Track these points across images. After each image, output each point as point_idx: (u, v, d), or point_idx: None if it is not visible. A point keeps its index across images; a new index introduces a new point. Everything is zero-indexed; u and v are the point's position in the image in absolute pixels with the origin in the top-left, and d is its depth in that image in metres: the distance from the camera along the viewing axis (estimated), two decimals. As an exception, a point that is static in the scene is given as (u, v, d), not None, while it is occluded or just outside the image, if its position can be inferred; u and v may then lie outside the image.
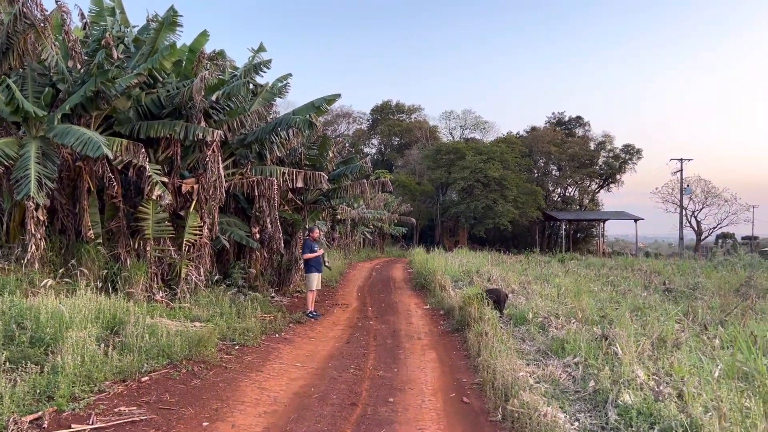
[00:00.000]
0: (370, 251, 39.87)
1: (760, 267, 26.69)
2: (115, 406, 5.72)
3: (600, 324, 9.98)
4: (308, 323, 11.47)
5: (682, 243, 53.10)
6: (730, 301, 14.38)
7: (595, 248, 57.46)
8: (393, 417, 6.08)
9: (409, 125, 70.28)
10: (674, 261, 34.15)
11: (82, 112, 10.44)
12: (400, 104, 75.60)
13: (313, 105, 12.93)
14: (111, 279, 10.20)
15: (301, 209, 16.05)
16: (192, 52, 12.19)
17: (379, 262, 31.90)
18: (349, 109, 74.22)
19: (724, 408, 4.74)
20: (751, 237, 67.29)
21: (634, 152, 60.67)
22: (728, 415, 4.65)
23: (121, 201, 10.90)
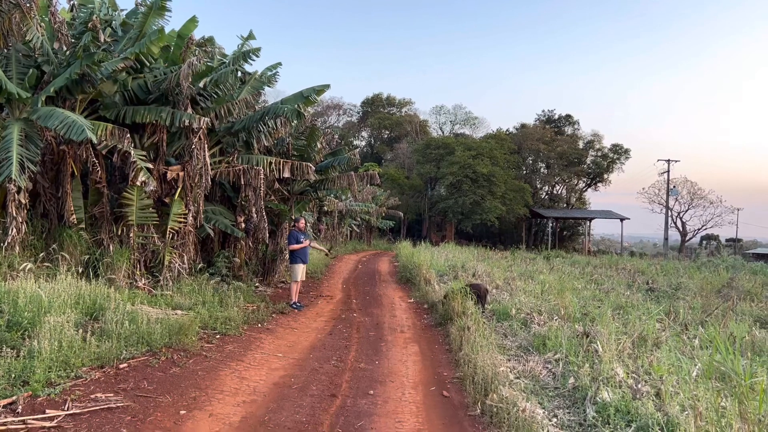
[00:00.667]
0: (357, 244, 39.82)
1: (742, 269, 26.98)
2: (91, 392, 5.66)
3: (582, 321, 10.04)
4: (291, 314, 11.43)
5: (666, 243, 53.56)
6: (711, 302, 14.52)
7: (581, 246, 57.83)
8: (372, 409, 6.08)
9: (399, 119, 70.16)
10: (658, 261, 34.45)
11: (67, 95, 10.30)
12: (391, 97, 75.49)
13: (302, 95, 12.84)
14: (93, 265, 10.10)
15: (287, 200, 15.97)
16: (180, 37, 12.05)
17: (365, 255, 31.87)
18: (340, 100, 74.13)
19: (701, 407, 4.77)
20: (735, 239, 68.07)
21: (622, 152, 61.07)
22: (704, 414, 4.68)
23: (105, 186, 10.77)
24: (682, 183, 58.64)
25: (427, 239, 46.80)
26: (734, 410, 4.50)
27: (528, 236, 58.08)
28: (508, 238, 56.87)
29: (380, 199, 43.67)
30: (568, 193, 65.29)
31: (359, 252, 34.79)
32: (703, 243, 67.08)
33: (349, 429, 5.44)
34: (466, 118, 71.73)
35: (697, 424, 4.50)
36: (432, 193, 55.19)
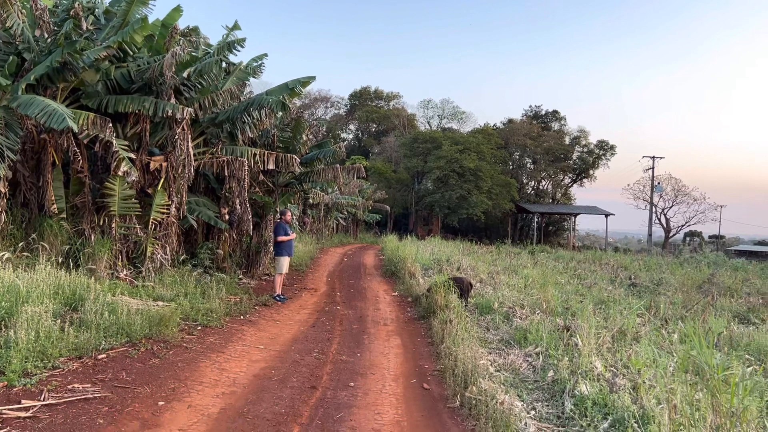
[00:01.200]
0: (343, 237, 39.77)
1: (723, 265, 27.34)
2: (68, 382, 5.62)
3: (563, 316, 10.12)
4: (275, 306, 11.40)
5: (650, 239, 54.06)
6: (692, 298, 14.71)
7: (565, 242, 58.20)
8: (352, 401, 6.09)
9: (386, 112, 70.08)
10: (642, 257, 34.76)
11: (48, 83, 10.16)
12: (379, 91, 75.36)
13: (287, 86, 12.76)
14: (73, 255, 10.01)
15: (272, 192, 15.90)
16: (164, 27, 11.92)
17: (351, 248, 31.84)
18: (327, 93, 73.94)
19: (676, 400, 4.83)
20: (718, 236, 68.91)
21: (608, 148, 61.46)
22: (679, 407, 4.73)
23: (87, 176, 10.66)
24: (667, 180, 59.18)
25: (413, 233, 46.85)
26: (708, 403, 4.56)
27: (513, 231, 58.36)
28: (494, 232, 57.11)
29: (367, 193, 43.66)
30: (554, 188, 65.63)
31: (345, 245, 34.76)
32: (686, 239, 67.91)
33: (328, 421, 5.45)
34: (454, 112, 71.84)
35: (672, 417, 4.56)
36: (419, 187, 55.23)
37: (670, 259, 33.78)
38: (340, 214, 38.44)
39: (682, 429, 4.32)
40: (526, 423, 5.24)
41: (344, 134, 72.31)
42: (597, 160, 61.67)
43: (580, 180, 64.06)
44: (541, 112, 67.47)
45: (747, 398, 4.32)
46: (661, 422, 4.62)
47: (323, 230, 33.43)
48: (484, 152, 51.53)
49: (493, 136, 57.06)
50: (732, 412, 4.18)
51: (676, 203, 59.61)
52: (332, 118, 72.27)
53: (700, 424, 4.38)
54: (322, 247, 28.30)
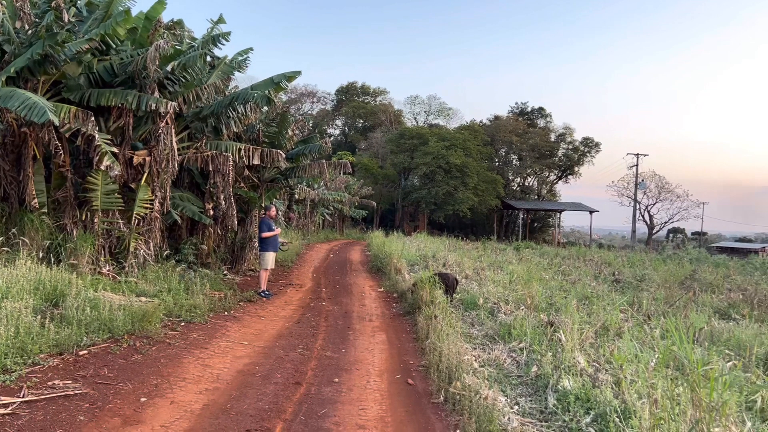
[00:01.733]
0: (329, 233, 39.70)
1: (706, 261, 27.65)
2: (49, 379, 5.55)
3: (547, 311, 10.17)
4: (259, 302, 11.36)
5: (634, 236, 54.55)
6: (674, 294, 14.86)
7: (551, 238, 58.56)
8: (336, 397, 6.08)
9: (373, 108, 69.95)
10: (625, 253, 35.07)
11: (29, 75, 10.01)
12: (366, 86, 75.22)
13: (273, 81, 12.67)
14: (55, 250, 9.88)
15: (257, 187, 15.82)
16: (148, 19, 11.78)
17: (337, 244, 31.80)
18: (314, 88, 73.71)
19: (657, 395, 4.87)
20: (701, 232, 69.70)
21: (593, 145, 61.82)
22: (660, 401, 4.77)
23: (69, 170, 10.53)
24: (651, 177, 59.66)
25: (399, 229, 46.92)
26: (687, 397, 4.60)
27: (499, 227, 58.58)
28: (480, 228, 57.29)
29: (353, 188, 43.60)
30: (540, 185, 65.96)
31: (331, 241, 34.70)
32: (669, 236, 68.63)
33: (312, 416, 5.44)
34: (441, 108, 71.89)
35: (652, 411, 4.60)
36: (405, 183, 55.23)
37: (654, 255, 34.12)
38: (326, 209, 38.36)
39: (662, 423, 4.36)
40: (510, 418, 5.26)
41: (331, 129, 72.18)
42: (582, 157, 62.02)
43: (565, 177, 64.42)
44: (527, 109, 67.73)
45: (726, 392, 4.37)
46: (642, 416, 4.66)
47: (309, 226, 33.35)
48: (470, 148, 51.64)
49: (479, 133, 57.21)
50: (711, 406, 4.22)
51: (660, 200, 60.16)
52: (319, 114, 72.06)
53: (680, 418, 4.42)
54: (308, 243, 28.23)
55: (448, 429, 5.36)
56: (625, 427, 4.68)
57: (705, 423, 4.18)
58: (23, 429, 4.50)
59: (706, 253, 35.63)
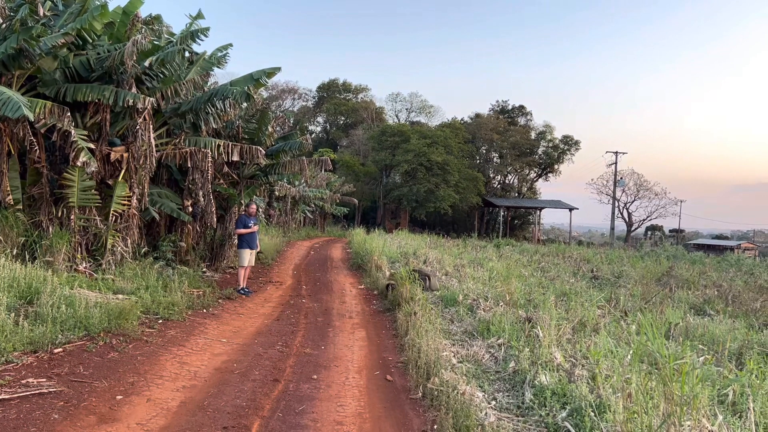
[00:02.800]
0: (311, 230, 39.59)
1: (682, 258, 28.08)
2: (23, 377, 5.48)
3: (525, 307, 10.26)
4: (238, 299, 11.30)
5: (613, 233, 55.13)
6: (651, 290, 15.05)
7: (531, 235, 58.99)
8: (315, 393, 6.08)
9: (355, 105, 69.85)
10: (604, 250, 35.44)
11: (3, 70, 9.84)
12: (347, 83, 75.06)
13: (252, 77, 12.60)
14: (30, 247, 9.74)
15: (237, 184, 15.73)
16: (126, 14, 11.64)
17: (318, 242, 31.72)
18: (295, 85, 73.36)
19: (630, 389, 4.94)
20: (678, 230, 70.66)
21: (573, 143, 62.39)
22: (633, 396, 4.84)
23: (44, 166, 10.38)
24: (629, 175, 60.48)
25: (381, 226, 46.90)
26: (660, 392, 4.68)
27: (480, 225, 58.90)
28: (461, 226, 57.52)
29: (334, 186, 43.53)
30: (520, 182, 66.43)
31: (312, 238, 34.61)
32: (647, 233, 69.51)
33: (290, 413, 5.43)
34: (422, 106, 72.03)
35: (626, 405, 4.66)
36: (387, 181, 55.27)
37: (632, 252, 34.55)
38: (307, 207, 38.25)
39: (635, 417, 4.42)
40: (487, 413, 5.30)
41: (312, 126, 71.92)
42: (562, 155, 62.57)
43: (545, 174, 64.95)
44: (507, 107, 68.13)
45: (698, 386, 4.44)
46: (616, 410, 4.72)
47: (290, 223, 33.22)
48: (451, 146, 51.81)
49: (460, 131, 57.41)
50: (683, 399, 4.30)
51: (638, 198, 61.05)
52: (300, 110, 71.73)
53: (653, 411, 4.49)
54: (289, 240, 28.12)
55: (426, 424, 5.39)
56: (599, 421, 4.74)
57: (677, 416, 4.25)
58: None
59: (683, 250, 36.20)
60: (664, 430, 4.23)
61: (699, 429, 4.31)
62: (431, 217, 53.44)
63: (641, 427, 4.35)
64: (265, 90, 55.68)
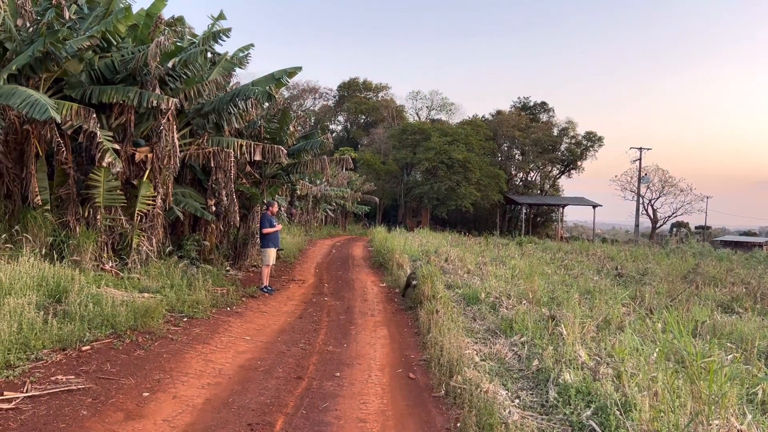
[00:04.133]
0: (332, 228, 39.75)
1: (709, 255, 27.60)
2: (52, 374, 5.59)
3: (549, 305, 10.18)
4: (262, 298, 11.39)
5: (637, 230, 54.44)
6: (677, 287, 14.83)
7: (553, 233, 58.50)
8: (338, 391, 6.10)
9: (375, 103, 69.95)
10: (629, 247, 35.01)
11: (31, 73, 10.03)
12: (368, 82, 75.15)
13: (274, 77, 12.69)
14: (58, 247, 9.92)
15: (259, 183, 15.85)
16: (149, 16, 11.80)
17: (340, 240, 31.83)
18: (316, 84, 73.67)
19: (657, 388, 4.88)
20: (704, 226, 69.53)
21: (596, 139, 61.70)
22: (660, 394, 4.79)
23: (71, 167, 10.56)
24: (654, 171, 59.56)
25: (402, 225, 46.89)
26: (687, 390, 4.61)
27: (502, 222, 58.58)
28: (483, 224, 57.26)
29: (356, 184, 43.63)
30: (542, 179, 65.90)
31: (334, 237, 34.74)
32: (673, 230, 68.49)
33: (314, 410, 5.46)
34: (443, 103, 71.84)
35: (652, 404, 4.61)
36: (408, 179, 55.23)
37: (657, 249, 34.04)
38: (328, 205, 38.39)
39: (662, 415, 4.37)
40: (510, 411, 5.28)
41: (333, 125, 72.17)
42: (585, 152, 61.91)
43: (568, 171, 64.33)
44: (529, 104, 67.59)
45: (726, 385, 4.38)
46: (642, 409, 4.67)
47: (312, 222, 33.38)
48: (472, 144, 51.61)
49: (481, 128, 57.15)
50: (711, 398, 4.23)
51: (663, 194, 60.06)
52: (320, 110, 72.03)
53: (680, 410, 4.43)
54: (311, 239, 28.26)
55: (449, 422, 5.38)
56: (625, 420, 4.69)
57: (704, 415, 4.19)
58: (26, 423, 4.54)
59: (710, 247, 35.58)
60: (691, 429, 4.17)
61: (727, 428, 4.25)
62: (452, 215, 53.30)
63: (668, 425, 4.29)
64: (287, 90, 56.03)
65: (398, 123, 62.80)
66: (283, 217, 24.81)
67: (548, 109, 67.18)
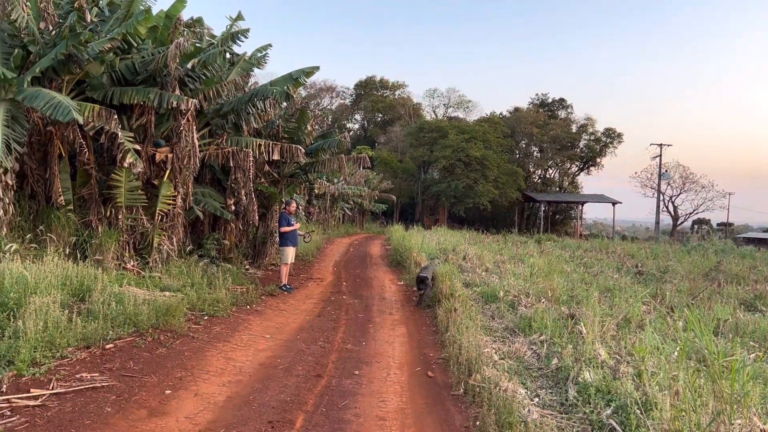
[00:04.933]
0: (350, 227, 39.85)
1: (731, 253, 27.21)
2: (76, 372, 5.70)
3: (568, 304, 10.13)
4: (281, 296, 11.47)
5: (658, 227, 53.85)
6: (698, 285, 14.67)
7: (572, 230, 58.07)
8: (357, 389, 6.14)
9: (392, 102, 69.91)
10: (649, 245, 34.66)
11: (53, 75, 10.20)
12: (384, 80, 75.13)
13: (291, 77, 12.76)
14: (81, 246, 10.08)
15: (277, 182, 15.95)
16: (168, 18, 11.92)
17: (357, 238, 31.92)
18: (333, 83, 73.80)
19: (678, 386, 4.84)
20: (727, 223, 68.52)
21: (615, 136, 61.05)
22: (681, 393, 4.75)
23: (93, 168, 10.72)
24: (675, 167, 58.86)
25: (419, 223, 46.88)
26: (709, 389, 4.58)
27: (520, 220, 58.28)
28: (501, 221, 57.00)
29: (373, 183, 43.67)
30: (561, 176, 65.40)
31: (351, 235, 34.84)
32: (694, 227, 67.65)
33: (333, 408, 5.51)
34: (460, 101, 71.56)
35: (673, 403, 4.58)
36: (425, 177, 55.16)
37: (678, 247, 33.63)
38: (346, 204, 38.50)
39: (683, 414, 4.34)
40: (530, 410, 5.27)
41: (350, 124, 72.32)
42: (604, 148, 61.28)
43: (587, 168, 63.73)
44: (547, 101, 67.07)
45: (748, 384, 4.34)
46: (663, 408, 4.64)
47: (329, 220, 33.50)
48: (490, 141, 51.39)
49: (499, 125, 56.86)
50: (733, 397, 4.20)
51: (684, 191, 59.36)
52: (338, 108, 72.18)
53: (702, 409, 4.40)
54: (329, 237, 28.38)
55: (468, 421, 5.39)
56: (646, 419, 4.66)
57: (727, 414, 4.15)
58: (53, 420, 4.64)
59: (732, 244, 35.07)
60: (713, 429, 4.14)
61: (750, 428, 4.21)
62: (470, 212, 53.11)
63: (689, 425, 4.26)
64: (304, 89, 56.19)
65: (415, 121, 62.72)
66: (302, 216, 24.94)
67: (566, 105, 66.62)
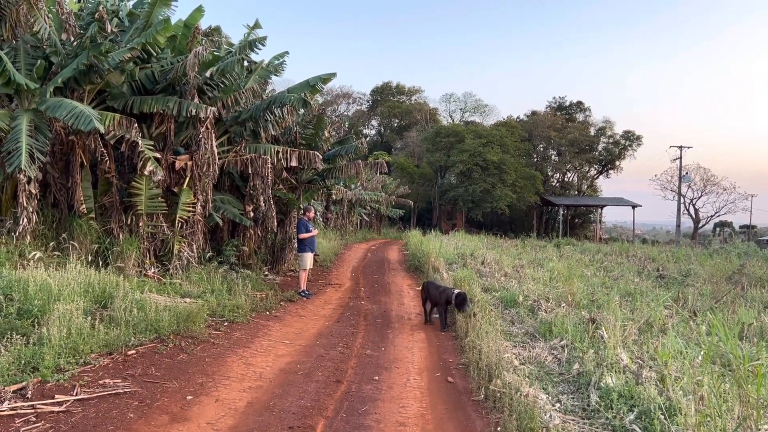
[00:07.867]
0: (367, 232, 39.90)
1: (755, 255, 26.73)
2: (99, 378, 5.76)
3: (588, 308, 10.03)
4: (300, 302, 11.51)
5: (679, 230, 53.12)
6: (721, 289, 14.43)
7: (592, 234, 57.54)
8: (377, 395, 6.13)
9: (408, 107, 69.93)
10: (670, 248, 34.23)
11: (75, 85, 10.37)
12: (401, 86, 75.23)
13: (308, 83, 12.85)
14: (102, 254, 10.22)
15: (295, 188, 16.02)
16: (187, 27, 12.08)
17: (375, 244, 31.93)
18: (349, 89, 74.02)
19: (702, 391, 4.77)
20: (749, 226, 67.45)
21: (634, 138, 60.51)
22: (706, 398, 4.68)
23: (114, 176, 10.87)
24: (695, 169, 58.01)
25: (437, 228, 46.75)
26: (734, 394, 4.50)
27: (539, 224, 57.87)
28: (519, 226, 56.63)
29: (390, 188, 43.67)
30: (580, 180, 64.91)
31: (369, 241, 34.86)
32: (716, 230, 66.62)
33: (353, 414, 5.50)
34: (476, 105, 71.37)
35: (698, 408, 4.51)
36: (442, 182, 55.06)
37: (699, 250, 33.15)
38: (363, 209, 38.54)
39: (708, 420, 4.27)
40: (551, 415, 5.22)
41: (366, 130, 72.43)
42: (623, 151, 60.74)
43: (606, 171, 63.20)
44: (565, 104, 66.70)
45: (775, 389, 4.26)
46: (688, 413, 4.57)
47: (347, 226, 33.56)
48: (507, 145, 51.16)
49: (516, 129, 56.62)
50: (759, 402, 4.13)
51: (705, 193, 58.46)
52: (354, 114, 72.41)
53: (727, 415, 4.33)
54: (346, 243, 28.42)
55: (489, 426, 5.35)
56: (670, 424, 4.60)
57: (753, 419, 4.09)
58: (77, 426, 4.69)
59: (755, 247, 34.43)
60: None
61: (778, 433, 4.14)
62: (488, 217, 52.91)
63: (714, 430, 4.20)
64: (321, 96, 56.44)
65: (432, 126, 62.67)
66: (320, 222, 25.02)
67: (584, 108, 66.19)
